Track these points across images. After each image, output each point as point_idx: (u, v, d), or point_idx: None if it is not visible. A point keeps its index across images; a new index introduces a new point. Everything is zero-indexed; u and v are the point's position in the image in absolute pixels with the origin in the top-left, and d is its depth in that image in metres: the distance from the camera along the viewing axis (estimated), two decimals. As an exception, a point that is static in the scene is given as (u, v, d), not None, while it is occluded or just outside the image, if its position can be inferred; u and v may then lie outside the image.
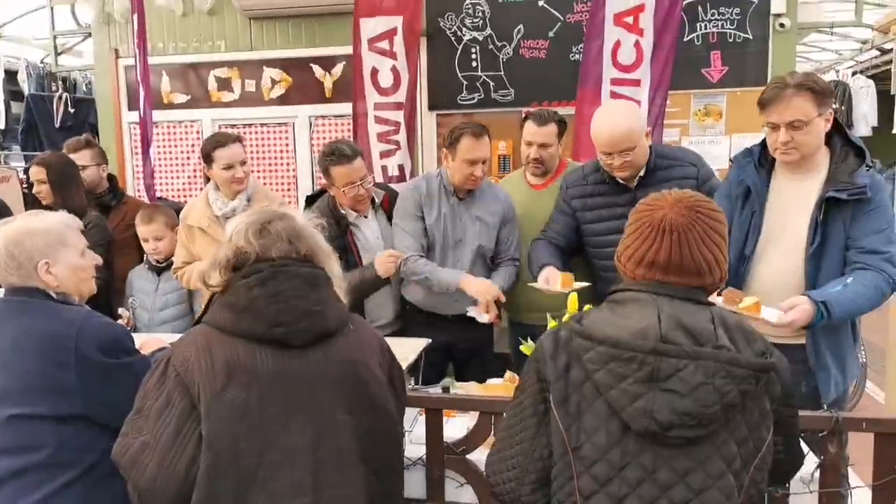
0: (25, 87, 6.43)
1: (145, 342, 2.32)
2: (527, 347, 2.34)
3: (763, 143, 2.41)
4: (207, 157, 3.09)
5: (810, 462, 1.94)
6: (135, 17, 4.08)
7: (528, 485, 1.45)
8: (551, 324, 2.20)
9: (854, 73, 8.68)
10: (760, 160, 2.42)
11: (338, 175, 2.97)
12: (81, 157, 3.55)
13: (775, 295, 2.26)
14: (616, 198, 2.80)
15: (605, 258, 2.72)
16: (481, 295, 2.85)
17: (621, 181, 2.79)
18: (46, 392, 1.74)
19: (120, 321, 3.03)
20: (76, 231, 1.96)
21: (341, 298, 1.67)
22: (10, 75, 6.85)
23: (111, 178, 3.78)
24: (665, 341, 1.32)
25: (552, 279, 2.69)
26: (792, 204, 2.36)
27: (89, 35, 5.41)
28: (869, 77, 8.58)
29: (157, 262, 3.29)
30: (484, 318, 2.85)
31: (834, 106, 8.12)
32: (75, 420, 1.76)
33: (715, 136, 4.32)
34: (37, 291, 1.84)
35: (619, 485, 1.34)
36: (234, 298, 1.53)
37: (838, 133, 2.35)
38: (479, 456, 2.00)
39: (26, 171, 4.14)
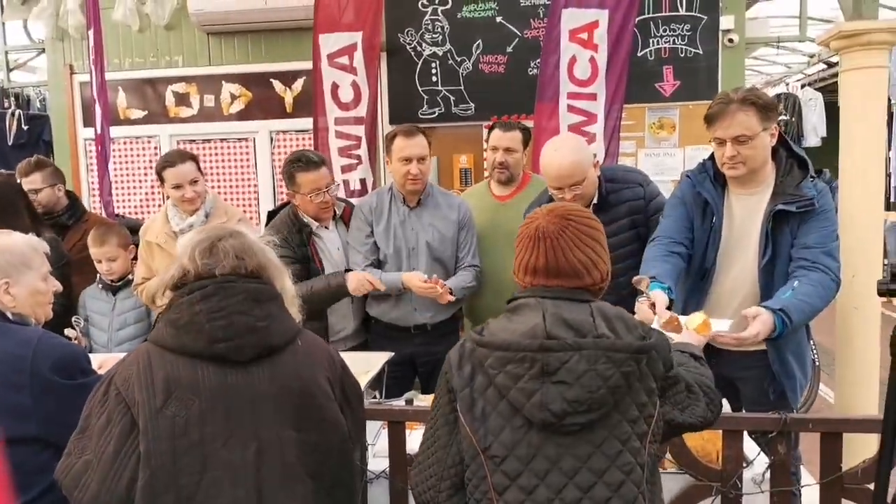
0: (-24, 103, 6.28)
1: (103, 362, 2.29)
2: None
3: (713, 158, 2.44)
4: (159, 176, 3.09)
5: (761, 463, 2.01)
6: (90, 32, 4.03)
7: (444, 491, 1.54)
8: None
9: (803, 86, 8.98)
10: (715, 175, 2.45)
11: (304, 182, 2.98)
12: (33, 181, 3.40)
13: (734, 307, 2.32)
14: None
15: None
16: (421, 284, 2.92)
17: None
18: (2, 414, 1.70)
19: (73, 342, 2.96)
20: (41, 255, 1.95)
21: (293, 314, 1.66)
22: (-39, 92, 6.67)
23: (71, 195, 3.64)
24: (550, 337, 1.43)
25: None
26: (744, 218, 2.40)
27: (42, 51, 5.33)
28: (817, 89, 8.88)
29: (112, 281, 3.23)
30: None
31: (784, 117, 8.46)
32: (30, 442, 1.74)
33: (669, 148, 4.45)
34: (-8, 312, 1.81)
35: (528, 477, 1.43)
36: (176, 315, 1.53)
37: (783, 146, 2.40)
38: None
39: (-22, 189, 4.03)
